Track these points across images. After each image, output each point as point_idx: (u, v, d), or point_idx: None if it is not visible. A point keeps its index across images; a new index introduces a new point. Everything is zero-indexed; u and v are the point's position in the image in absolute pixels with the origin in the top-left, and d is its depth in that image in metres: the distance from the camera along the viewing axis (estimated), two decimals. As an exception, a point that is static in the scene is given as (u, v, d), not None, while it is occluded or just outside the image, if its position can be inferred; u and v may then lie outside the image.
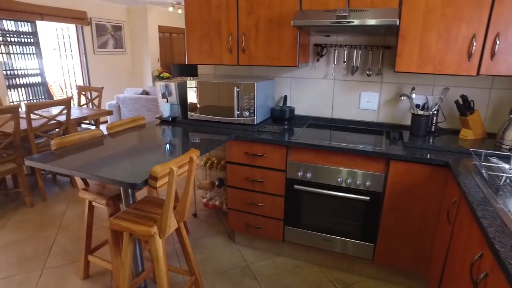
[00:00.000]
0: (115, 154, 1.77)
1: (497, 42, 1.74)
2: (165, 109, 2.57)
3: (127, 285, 1.66)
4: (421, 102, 2.26)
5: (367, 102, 2.45)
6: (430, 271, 1.89)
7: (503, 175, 1.48)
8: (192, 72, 7.65)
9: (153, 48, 7.48)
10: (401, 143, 2.04)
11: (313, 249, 2.32)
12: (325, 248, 2.22)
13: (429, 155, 1.81)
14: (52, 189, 3.61)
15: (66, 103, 3.27)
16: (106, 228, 2.79)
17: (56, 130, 3.39)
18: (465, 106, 2.05)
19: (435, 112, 2.18)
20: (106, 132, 2.22)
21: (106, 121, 6.23)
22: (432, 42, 1.87)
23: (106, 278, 2.21)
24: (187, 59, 2.54)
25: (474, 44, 1.79)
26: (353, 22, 1.85)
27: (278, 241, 2.42)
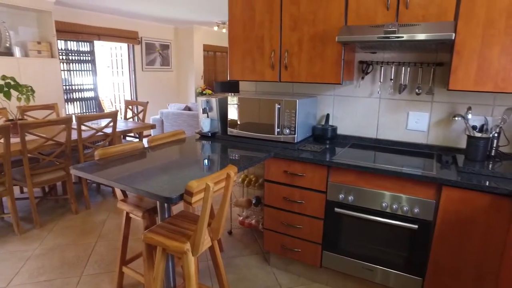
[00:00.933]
0: (154, 167, 1.78)
1: None
2: (205, 124, 2.59)
3: (158, 301, 1.62)
4: (478, 124, 2.06)
5: (415, 123, 2.30)
6: (489, 315, 1.66)
7: None
8: (233, 90, 7.80)
9: (197, 66, 7.74)
10: (454, 167, 1.86)
11: (352, 278, 2.16)
12: (365, 278, 2.05)
13: (488, 182, 1.62)
14: (96, 198, 3.76)
15: (112, 116, 3.44)
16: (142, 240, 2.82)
17: (102, 141, 3.55)
18: (531, 130, 1.84)
19: (496, 134, 1.97)
20: (147, 145, 2.26)
21: (149, 134, 6.48)
22: (493, 58, 1.70)
23: (139, 291, 2.21)
24: (229, 75, 2.56)
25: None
26: (402, 37, 1.75)
27: (315, 267, 2.29)
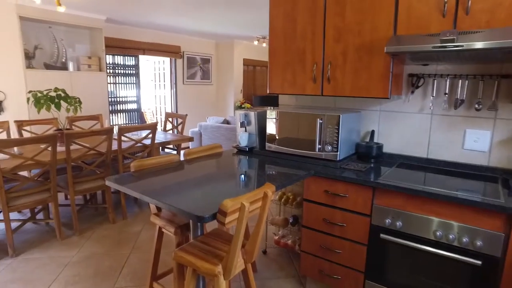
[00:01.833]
0: (188, 182, 1.72)
1: None
2: (243, 138, 2.51)
3: (187, 325, 1.52)
4: (552, 146, 1.80)
5: (474, 142, 2.06)
6: None
7: None
8: (272, 104, 7.74)
9: (237, 80, 7.81)
10: (525, 195, 1.62)
11: (400, 313, 1.93)
12: (416, 315, 1.82)
13: None
14: (133, 209, 3.80)
15: (152, 127, 3.48)
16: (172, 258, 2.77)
17: (141, 152, 3.60)
18: None
19: None
20: (183, 158, 2.22)
21: (187, 147, 6.56)
22: None
23: (169, 309, 2.14)
24: (268, 89, 2.48)
25: None
26: (462, 46, 1.57)
27: (356, 297, 2.09)
